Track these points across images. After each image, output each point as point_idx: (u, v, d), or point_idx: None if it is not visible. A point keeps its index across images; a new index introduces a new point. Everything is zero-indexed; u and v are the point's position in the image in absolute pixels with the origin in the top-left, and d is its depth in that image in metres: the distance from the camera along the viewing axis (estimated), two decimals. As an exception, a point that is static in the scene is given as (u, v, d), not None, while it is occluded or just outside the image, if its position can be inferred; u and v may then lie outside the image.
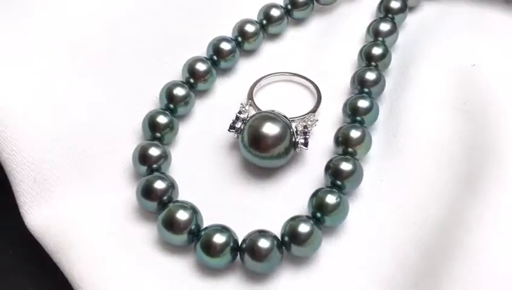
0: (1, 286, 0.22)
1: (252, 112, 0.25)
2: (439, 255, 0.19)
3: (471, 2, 0.28)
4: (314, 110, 0.25)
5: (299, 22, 0.29)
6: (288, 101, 0.26)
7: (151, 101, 0.26)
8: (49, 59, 0.25)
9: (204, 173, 0.24)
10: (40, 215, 0.22)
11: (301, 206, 0.23)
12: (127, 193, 0.23)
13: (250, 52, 0.28)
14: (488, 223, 0.18)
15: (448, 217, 0.20)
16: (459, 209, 0.20)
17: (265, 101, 0.26)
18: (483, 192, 0.19)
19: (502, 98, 0.22)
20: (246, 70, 0.28)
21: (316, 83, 0.26)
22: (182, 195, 0.23)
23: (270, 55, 0.28)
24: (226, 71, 0.27)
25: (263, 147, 0.23)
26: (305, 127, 0.24)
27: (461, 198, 0.20)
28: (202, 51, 0.27)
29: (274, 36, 0.29)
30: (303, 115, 0.25)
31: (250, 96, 0.26)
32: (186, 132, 0.26)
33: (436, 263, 0.19)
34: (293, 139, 0.24)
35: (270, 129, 0.23)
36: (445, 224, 0.20)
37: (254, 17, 0.28)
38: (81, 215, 0.22)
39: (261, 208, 0.23)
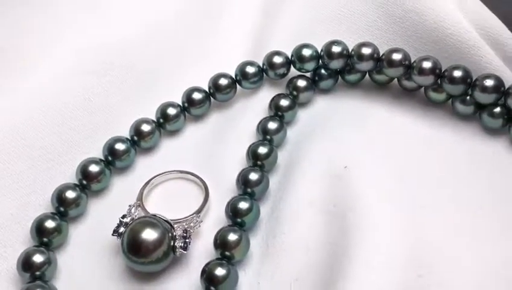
0: None
1: (141, 213, 0.26)
2: None
3: (362, 96, 0.30)
4: (199, 211, 0.26)
5: (197, 118, 0.30)
6: (178, 200, 0.27)
7: (46, 202, 0.27)
8: None
9: (89, 278, 0.25)
10: None
11: (179, 311, 0.23)
12: (13, 301, 0.24)
13: (147, 150, 0.29)
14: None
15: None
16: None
17: (156, 201, 0.27)
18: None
19: (365, 200, 0.23)
20: (144, 167, 0.28)
21: (205, 182, 0.27)
22: (64, 301, 0.24)
23: (168, 151, 0.29)
24: (122, 170, 0.28)
25: (141, 253, 0.24)
26: (185, 231, 0.25)
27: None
28: (99, 151, 0.28)
29: (172, 133, 0.30)
30: (187, 217, 0.25)
31: (140, 198, 0.26)
32: (76, 234, 0.26)
33: None
34: (172, 243, 0.24)
35: (148, 235, 0.24)
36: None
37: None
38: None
39: (141, 314, 0.24)
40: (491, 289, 0.21)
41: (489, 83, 0.26)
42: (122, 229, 0.25)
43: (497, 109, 0.27)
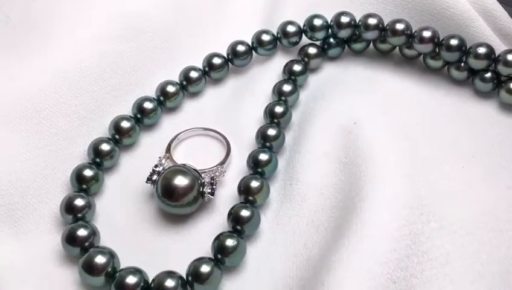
0: None
1: (170, 164, 0.28)
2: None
3: (366, 63, 0.33)
4: (223, 162, 0.29)
5: (217, 81, 0.33)
6: (203, 153, 0.30)
7: (82, 154, 0.29)
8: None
9: (125, 220, 0.28)
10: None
11: (207, 249, 0.26)
12: (55, 240, 0.27)
13: (172, 110, 0.32)
14: (343, 266, 0.22)
15: (323, 258, 0.24)
16: (331, 251, 0.24)
17: (182, 154, 0.30)
18: (346, 237, 0.23)
19: (373, 153, 0.26)
20: (168, 125, 0.31)
21: (226, 138, 0.30)
22: (104, 241, 0.26)
23: (190, 111, 0.32)
24: (150, 127, 0.31)
25: (174, 197, 0.27)
26: (212, 178, 0.27)
27: (334, 241, 0.24)
28: (128, 109, 0.31)
29: (194, 94, 0.32)
30: (212, 167, 0.28)
31: (168, 150, 0.29)
32: (111, 183, 0.29)
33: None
34: (201, 189, 0.27)
35: (181, 181, 0.27)
36: (319, 264, 0.24)
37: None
38: (11, 261, 0.25)
39: (173, 250, 0.26)
40: (481, 222, 0.24)
41: (481, 50, 0.29)
42: (155, 177, 0.27)
43: (488, 74, 0.30)
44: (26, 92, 0.29)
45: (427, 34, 0.30)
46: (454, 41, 0.30)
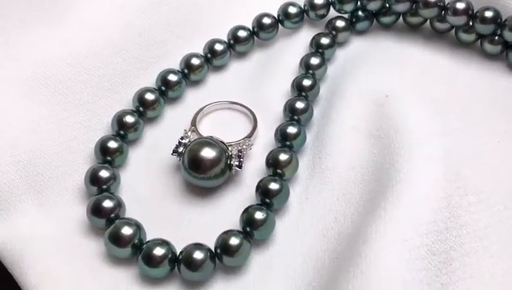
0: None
1: (195, 137, 0.28)
2: (346, 264, 0.22)
3: (395, 38, 0.32)
4: (250, 135, 0.28)
5: (241, 55, 0.32)
6: (228, 127, 0.29)
7: (105, 127, 0.29)
8: (7, 86, 0.27)
9: (150, 193, 0.27)
10: (-2, 232, 0.25)
11: (235, 222, 0.25)
12: (79, 211, 0.26)
13: (196, 83, 0.31)
14: (381, 236, 0.21)
15: (357, 230, 0.23)
16: (361, 225, 0.23)
17: (207, 127, 0.29)
18: (383, 208, 0.22)
19: (407, 125, 0.25)
20: (192, 99, 0.31)
21: (253, 111, 0.29)
22: (129, 213, 0.26)
23: (215, 85, 0.31)
24: (174, 100, 0.30)
25: (201, 169, 0.26)
26: (239, 151, 0.27)
27: (368, 213, 0.23)
28: (153, 80, 0.30)
29: (218, 68, 0.32)
30: (239, 140, 0.28)
31: (194, 123, 0.29)
32: (135, 155, 0.28)
33: (344, 271, 0.22)
34: (228, 162, 0.27)
35: (208, 153, 0.26)
36: (354, 236, 0.23)
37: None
38: (36, 232, 0.25)
39: (200, 223, 0.26)
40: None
41: (518, 23, 0.29)
42: (181, 149, 0.27)
43: (523, 48, 0.29)
44: (49, 62, 0.28)
45: (460, 5, 0.29)
46: (489, 13, 0.29)
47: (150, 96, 0.29)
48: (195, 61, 0.31)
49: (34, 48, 0.29)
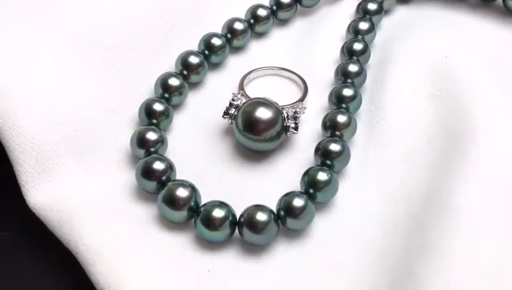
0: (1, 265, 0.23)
1: (244, 100, 0.26)
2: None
3: (440, 6, 0.31)
4: (302, 99, 0.27)
5: (283, 22, 0.31)
6: (277, 93, 0.27)
7: (146, 91, 0.27)
8: (51, 48, 0.26)
9: (200, 156, 0.26)
10: (41, 194, 0.23)
11: (293, 186, 0.24)
12: (125, 175, 0.24)
13: (238, 49, 0.30)
14: (463, 195, 0.20)
15: (426, 192, 0.22)
16: (435, 184, 0.22)
17: (254, 93, 0.28)
18: (453, 169, 0.22)
19: (472, 85, 0.25)
20: (235, 65, 0.29)
21: (302, 76, 0.28)
22: (179, 176, 0.24)
23: (257, 52, 0.30)
24: (216, 66, 0.29)
25: (257, 131, 0.25)
26: (295, 112, 0.26)
27: (437, 174, 0.22)
28: (194, 45, 0.29)
29: (260, 35, 0.30)
30: (292, 103, 0.26)
31: (241, 87, 0.27)
32: (180, 120, 0.27)
33: (422, 232, 0.21)
34: (284, 124, 0.25)
35: (263, 114, 0.25)
36: (423, 198, 0.22)
37: (243, 16, 0.30)
38: (83, 194, 0.23)
39: (255, 187, 0.24)
40: None
41: None
42: (233, 111, 0.26)
43: None
44: (91, 28, 0.27)
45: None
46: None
47: (194, 60, 0.28)
48: (238, 26, 0.29)
49: (76, 15, 0.27)
